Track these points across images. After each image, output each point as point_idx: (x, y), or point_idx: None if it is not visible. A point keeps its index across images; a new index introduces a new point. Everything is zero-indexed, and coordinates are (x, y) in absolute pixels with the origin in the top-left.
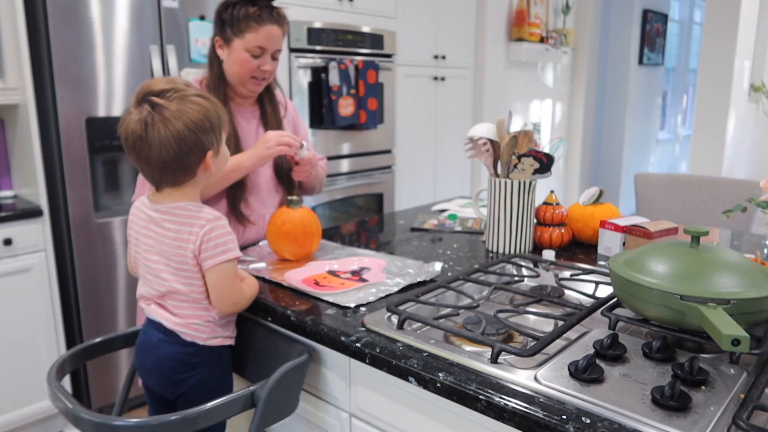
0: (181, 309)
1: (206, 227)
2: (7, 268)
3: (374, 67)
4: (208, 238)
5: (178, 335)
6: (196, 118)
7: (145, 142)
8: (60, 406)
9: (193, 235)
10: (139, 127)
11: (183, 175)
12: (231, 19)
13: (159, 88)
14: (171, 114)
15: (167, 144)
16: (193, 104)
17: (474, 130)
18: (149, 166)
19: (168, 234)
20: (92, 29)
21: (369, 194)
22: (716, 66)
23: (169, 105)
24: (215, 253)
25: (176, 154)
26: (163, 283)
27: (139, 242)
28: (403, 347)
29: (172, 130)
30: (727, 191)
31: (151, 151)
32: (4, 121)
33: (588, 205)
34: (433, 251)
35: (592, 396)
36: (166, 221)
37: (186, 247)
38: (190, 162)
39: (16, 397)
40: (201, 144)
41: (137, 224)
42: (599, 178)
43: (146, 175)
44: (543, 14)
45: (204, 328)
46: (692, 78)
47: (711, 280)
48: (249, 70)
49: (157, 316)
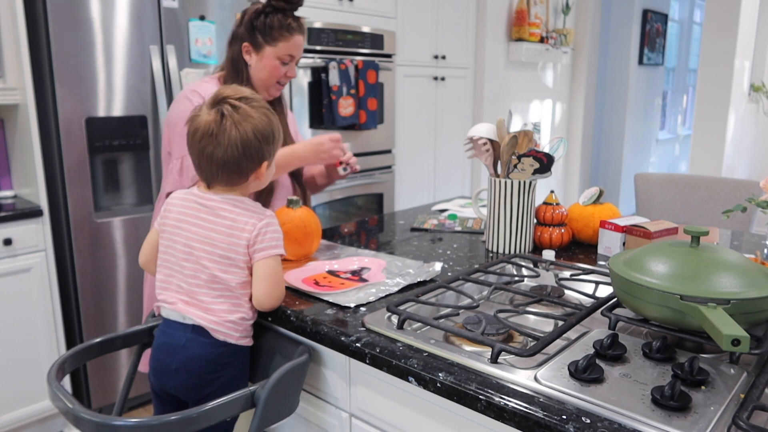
0: (215, 304)
1: (264, 221)
2: (7, 268)
3: (374, 67)
4: (266, 231)
5: (210, 334)
6: (263, 127)
7: (214, 139)
8: (60, 406)
9: (250, 225)
10: (213, 123)
11: (237, 177)
12: (264, 27)
13: (237, 95)
14: (244, 119)
15: (235, 145)
16: (263, 115)
17: (474, 130)
18: (210, 163)
19: (222, 222)
20: (92, 29)
21: (369, 194)
22: (716, 66)
23: (245, 110)
24: (270, 245)
25: (239, 157)
26: (204, 269)
27: (179, 231)
28: (403, 347)
29: (242, 133)
30: (727, 191)
31: (217, 148)
32: (4, 121)
33: (588, 205)
34: (433, 251)
35: (592, 396)
36: (223, 210)
37: (241, 236)
38: (248, 167)
39: (16, 397)
40: (261, 153)
41: (180, 212)
42: (599, 178)
43: (202, 170)
44: (543, 14)
45: (237, 327)
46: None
47: (711, 280)
48: (277, 76)
49: (189, 315)
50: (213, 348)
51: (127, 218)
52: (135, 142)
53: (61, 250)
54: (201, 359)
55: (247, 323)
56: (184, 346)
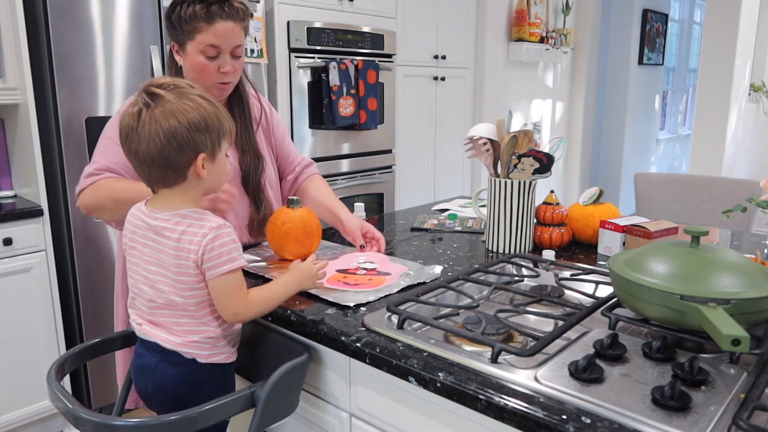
0: (178, 325)
1: (209, 236)
2: (7, 268)
3: (374, 67)
4: (211, 247)
5: (179, 354)
6: (191, 115)
7: (135, 133)
8: (60, 406)
9: (194, 244)
10: (131, 117)
11: (172, 174)
12: (179, 20)
13: (160, 82)
14: (166, 107)
15: (156, 136)
16: (191, 102)
17: (474, 130)
18: (138, 162)
19: (168, 243)
20: (92, 29)
21: (369, 194)
22: (716, 65)
23: (167, 97)
24: (219, 263)
25: (164, 148)
26: (161, 294)
27: (134, 252)
28: (403, 347)
29: (163, 124)
30: (727, 191)
31: (140, 143)
32: (4, 121)
33: (588, 205)
34: (433, 251)
35: (592, 396)
36: (166, 230)
37: (188, 257)
38: (180, 161)
39: (16, 397)
40: (193, 143)
41: (132, 232)
42: (599, 178)
43: (139, 173)
44: (543, 14)
45: (204, 345)
46: (692, 78)
47: (711, 280)
48: (208, 74)
49: (153, 337)
50: (183, 367)
51: None
52: None
53: (61, 250)
54: (174, 380)
55: (215, 341)
56: (156, 368)
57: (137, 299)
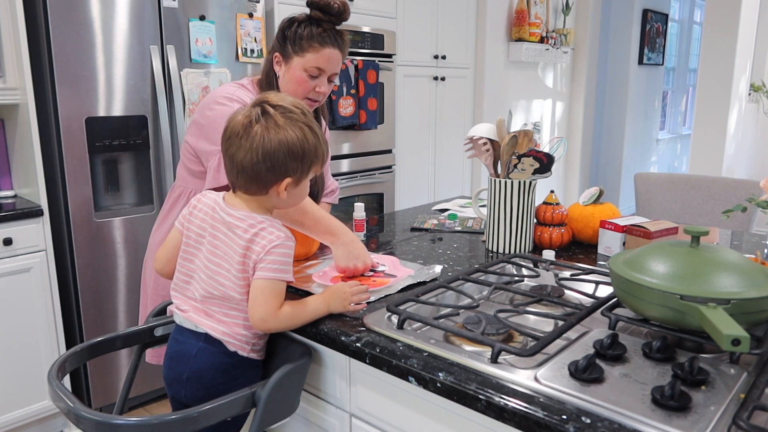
0: (228, 317)
1: (276, 242)
2: (7, 268)
3: (374, 67)
4: (272, 252)
5: (222, 344)
6: (292, 143)
7: (238, 140)
8: (61, 405)
9: (261, 246)
10: (241, 125)
11: (255, 187)
12: (294, 36)
13: (275, 102)
14: (273, 127)
15: (255, 152)
16: (296, 129)
17: (474, 130)
18: (231, 164)
19: (238, 242)
20: (92, 29)
21: (369, 194)
22: (716, 65)
23: (277, 119)
24: (271, 268)
25: (257, 164)
26: (218, 287)
27: (201, 240)
28: (403, 347)
29: (265, 143)
30: (727, 191)
31: (238, 150)
32: (4, 121)
33: (588, 205)
34: (433, 251)
35: (592, 396)
36: (239, 228)
37: (250, 257)
38: (267, 179)
39: (16, 397)
40: (285, 167)
41: (203, 220)
42: (599, 178)
43: (227, 172)
44: (543, 14)
45: (250, 340)
46: (692, 78)
47: (711, 280)
48: (305, 90)
49: (200, 325)
50: (225, 358)
51: (127, 218)
52: (135, 142)
53: (61, 250)
54: (213, 369)
55: (260, 338)
56: (196, 355)
57: (191, 285)
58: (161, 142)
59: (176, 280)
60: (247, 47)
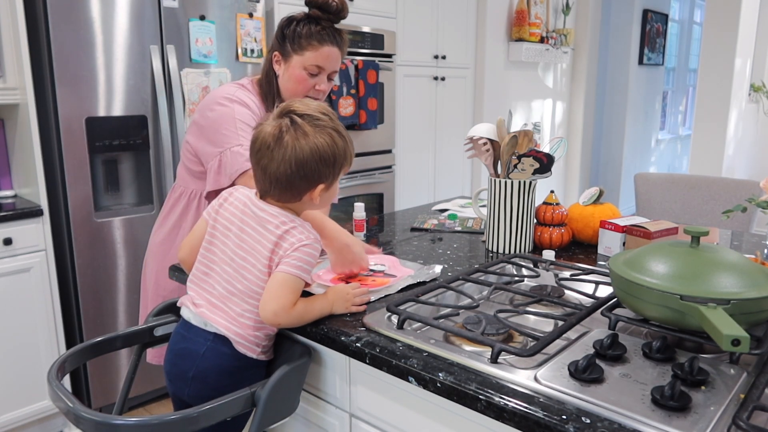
0: (243, 317)
1: (304, 242)
2: (7, 268)
3: (374, 67)
4: (299, 249)
5: (231, 345)
6: (323, 148)
7: (269, 151)
8: (61, 405)
9: (288, 243)
10: (271, 136)
11: (289, 195)
12: (293, 35)
13: (301, 112)
14: (303, 137)
15: (288, 163)
16: (326, 135)
17: (474, 130)
18: (263, 175)
19: (269, 237)
20: (92, 29)
21: (369, 194)
22: (716, 65)
23: (306, 128)
24: (294, 264)
25: (292, 175)
26: (243, 281)
27: (228, 233)
28: (403, 347)
29: (298, 152)
30: (727, 191)
31: (271, 162)
32: (4, 121)
33: (588, 205)
34: (433, 251)
35: (592, 396)
36: (271, 224)
37: (278, 253)
38: (301, 187)
39: (16, 397)
40: (318, 174)
41: (233, 214)
42: (599, 178)
43: (257, 181)
44: (543, 14)
45: (261, 342)
46: (692, 78)
47: (711, 280)
48: (304, 88)
49: (212, 322)
50: (233, 360)
51: (127, 218)
52: (135, 142)
53: (61, 250)
54: (219, 370)
55: (271, 340)
56: (204, 354)
57: (210, 277)
58: (161, 142)
59: (195, 272)
60: (247, 47)
